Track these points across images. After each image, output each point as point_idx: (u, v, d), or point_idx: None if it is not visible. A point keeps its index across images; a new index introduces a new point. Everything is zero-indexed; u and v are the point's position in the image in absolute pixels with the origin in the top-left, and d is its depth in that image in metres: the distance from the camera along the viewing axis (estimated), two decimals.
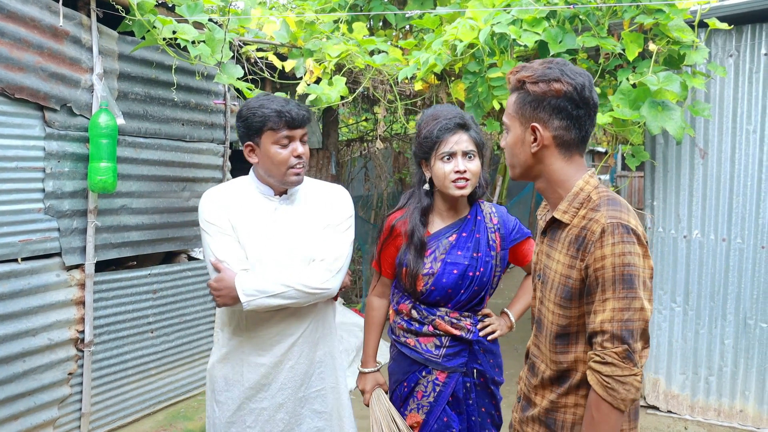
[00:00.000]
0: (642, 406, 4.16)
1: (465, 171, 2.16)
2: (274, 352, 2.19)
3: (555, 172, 1.62)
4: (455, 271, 2.20)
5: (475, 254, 2.22)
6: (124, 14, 3.22)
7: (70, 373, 3.28)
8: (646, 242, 1.53)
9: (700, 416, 4.00)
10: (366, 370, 2.42)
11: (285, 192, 2.23)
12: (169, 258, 4.07)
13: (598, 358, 1.48)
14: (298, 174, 2.16)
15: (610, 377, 1.46)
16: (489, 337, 2.27)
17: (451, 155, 2.18)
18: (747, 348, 3.89)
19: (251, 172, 2.25)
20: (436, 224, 2.29)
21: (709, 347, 3.98)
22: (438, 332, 2.24)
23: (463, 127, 2.19)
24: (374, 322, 2.47)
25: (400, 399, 2.33)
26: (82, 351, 3.34)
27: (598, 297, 1.49)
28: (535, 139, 1.59)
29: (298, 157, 2.13)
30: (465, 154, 2.18)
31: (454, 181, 2.17)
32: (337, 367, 2.37)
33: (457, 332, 2.22)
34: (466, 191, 2.19)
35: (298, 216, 2.22)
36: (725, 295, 3.93)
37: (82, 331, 3.33)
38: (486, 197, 2.38)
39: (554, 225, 1.66)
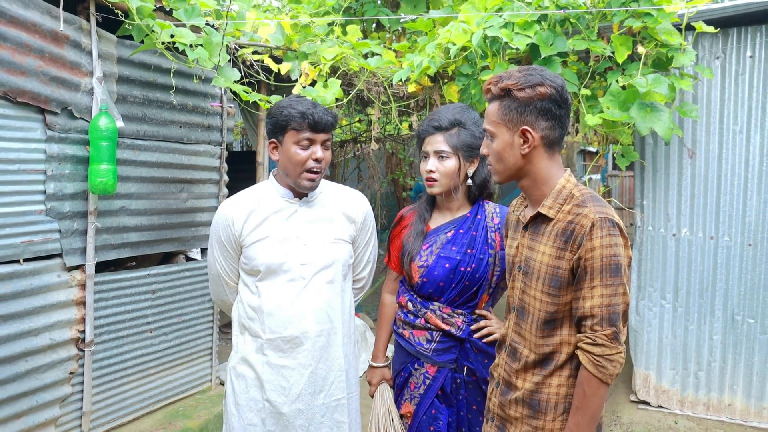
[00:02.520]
0: (633, 401, 4.25)
1: (433, 171, 2.31)
2: (295, 355, 2.21)
3: (540, 171, 1.76)
4: (447, 265, 2.29)
5: (468, 251, 2.30)
6: (123, 18, 3.27)
7: (71, 373, 3.32)
8: (626, 234, 1.70)
9: (690, 410, 4.09)
10: (375, 364, 2.51)
11: (305, 194, 2.29)
12: (167, 258, 4.12)
13: (589, 340, 1.65)
14: (312, 180, 2.21)
15: (600, 356, 1.63)
16: (485, 339, 2.33)
17: (426, 155, 2.34)
18: (735, 343, 3.98)
19: (271, 176, 2.33)
20: (437, 220, 2.42)
21: (698, 343, 4.07)
22: (429, 326, 2.33)
23: (440, 129, 2.31)
24: (386, 318, 2.56)
25: (398, 388, 2.45)
26: (83, 350, 3.38)
27: (586, 284, 1.65)
28: (525, 141, 1.72)
29: (316, 161, 2.19)
30: (437, 154, 2.31)
31: (426, 180, 2.33)
32: (356, 375, 2.42)
33: (446, 327, 2.30)
34: (435, 189, 2.33)
35: (318, 219, 2.29)
36: (713, 292, 4.01)
37: (83, 331, 3.38)
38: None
39: (537, 220, 1.79)
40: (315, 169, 2.19)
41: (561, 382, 1.74)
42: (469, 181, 2.35)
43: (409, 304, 2.38)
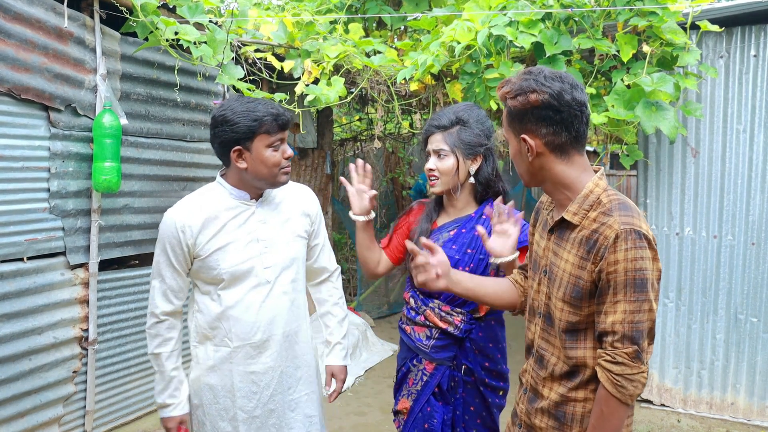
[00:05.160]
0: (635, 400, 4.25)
1: (433, 169, 2.31)
2: (263, 359, 2.19)
3: (557, 175, 1.68)
4: None
5: (468, 250, 2.29)
6: (127, 15, 3.26)
7: (74, 371, 3.30)
8: (655, 245, 1.59)
9: (693, 409, 4.10)
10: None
11: (261, 195, 2.23)
12: None
13: (609, 358, 1.56)
14: (287, 173, 2.18)
15: (620, 375, 1.54)
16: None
17: (428, 155, 2.35)
18: (738, 342, 3.99)
19: (219, 178, 2.21)
20: (442, 219, 2.42)
21: (701, 342, 4.07)
22: (428, 323, 2.33)
23: (439, 128, 2.32)
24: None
25: (397, 384, 2.46)
26: (86, 349, 3.37)
27: (609, 299, 1.56)
28: (528, 149, 1.66)
29: (288, 158, 2.16)
30: (436, 153, 2.31)
31: (429, 178, 2.34)
32: (319, 370, 2.42)
33: (443, 326, 2.29)
34: (436, 189, 2.33)
35: (276, 217, 2.24)
36: (716, 291, 4.02)
37: (86, 330, 3.36)
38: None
39: (563, 225, 1.71)
40: (287, 166, 2.17)
41: (588, 396, 1.67)
42: (472, 179, 2.34)
43: (412, 300, 2.39)
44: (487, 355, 2.32)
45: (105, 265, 3.54)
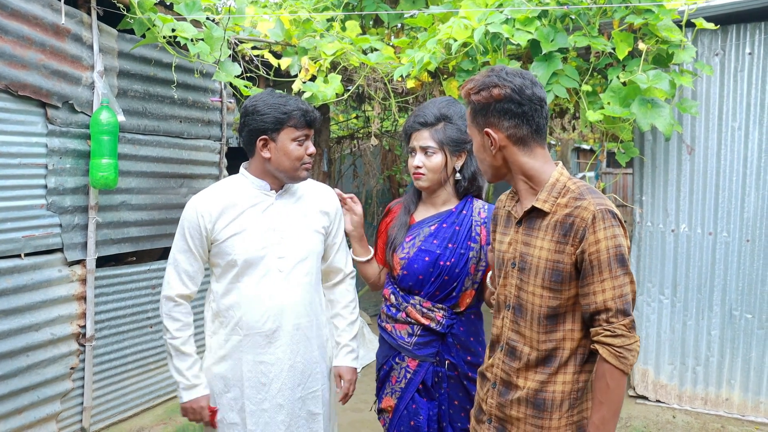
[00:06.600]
0: (631, 396, 4.27)
1: (420, 166, 2.32)
2: (273, 350, 2.22)
3: (522, 167, 1.77)
4: (427, 258, 2.30)
5: (450, 245, 2.30)
6: (124, 12, 3.26)
7: (72, 368, 3.31)
8: (623, 223, 1.71)
9: (688, 405, 4.12)
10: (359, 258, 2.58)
11: (281, 187, 2.29)
12: (167, 254, 4.10)
13: (608, 333, 1.64)
14: (308, 170, 2.25)
15: (621, 347, 1.63)
16: None
17: (413, 150, 2.36)
18: (732, 338, 4.01)
19: (242, 170, 2.30)
20: (422, 213, 2.43)
21: (696, 338, 4.09)
22: (410, 320, 2.33)
23: (425, 124, 2.32)
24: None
25: (379, 382, 2.46)
26: (84, 346, 3.37)
27: (595, 278, 1.65)
28: (492, 142, 1.75)
29: (310, 155, 2.23)
30: (423, 150, 2.32)
31: (413, 174, 2.35)
32: (329, 368, 2.44)
33: (426, 322, 2.30)
34: (423, 184, 2.35)
35: (294, 210, 2.29)
36: (712, 288, 4.04)
37: (84, 326, 3.37)
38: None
39: (532, 214, 1.78)
40: (309, 162, 2.24)
41: (566, 379, 1.74)
42: (458, 175, 2.36)
43: (392, 297, 2.39)
44: (469, 350, 2.33)
45: (102, 262, 3.55)
